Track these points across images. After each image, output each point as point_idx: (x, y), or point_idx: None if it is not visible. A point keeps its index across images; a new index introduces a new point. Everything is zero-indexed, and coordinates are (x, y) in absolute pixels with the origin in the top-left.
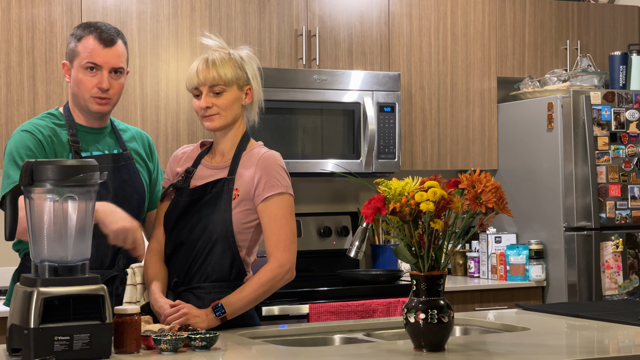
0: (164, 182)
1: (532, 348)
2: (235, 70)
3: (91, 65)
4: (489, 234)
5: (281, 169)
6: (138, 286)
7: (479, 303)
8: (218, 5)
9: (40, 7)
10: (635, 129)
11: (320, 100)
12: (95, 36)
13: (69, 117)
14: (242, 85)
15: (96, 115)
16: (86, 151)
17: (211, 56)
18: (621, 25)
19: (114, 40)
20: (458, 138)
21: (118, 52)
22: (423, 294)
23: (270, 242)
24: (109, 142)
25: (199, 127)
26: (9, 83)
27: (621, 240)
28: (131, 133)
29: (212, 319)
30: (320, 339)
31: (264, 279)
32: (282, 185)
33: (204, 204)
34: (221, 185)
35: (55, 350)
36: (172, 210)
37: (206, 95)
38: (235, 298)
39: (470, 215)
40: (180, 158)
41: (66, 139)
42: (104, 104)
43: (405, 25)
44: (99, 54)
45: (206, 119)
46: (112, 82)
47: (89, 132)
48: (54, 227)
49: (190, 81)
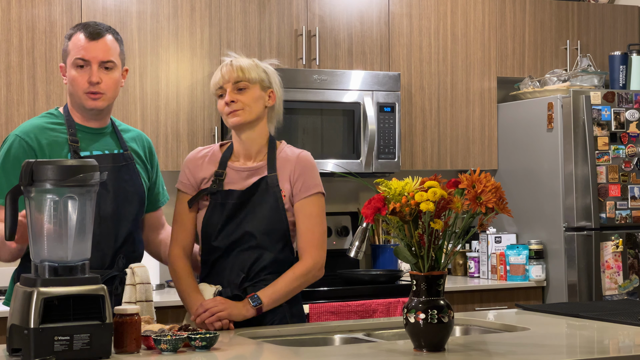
0: (182, 185)
1: (532, 348)
2: (258, 71)
3: (81, 63)
4: (489, 234)
5: (317, 169)
6: (137, 286)
7: (479, 303)
8: (218, 5)
9: (40, 7)
10: (635, 129)
11: (320, 100)
12: (82, 32)
13: (69, 117)
14: (265, 86)
15: (92, 113)
16: (86, 151)
17: (235, 60)
18: (621, 25)
19: (100, 34)
20: (458, 138)
21: (106, 46)
22: (423, 294)
23: (304, 239)
24: (109, 142)
25: (199, 127)
26: (9, 83)
27: (621, 240)
28: (132, 134)
29: (250, 309)
30: (320, 339)
31: (298, 274)
32: (318, 185)
33: (254, 204)
34: (265, 184)
35: (55, 350)
36: (212, 214)
37: (230, 92)
38: (270, 290)
39: (470, 215)
40: (200, 163)
41: (65, 138)
42: (96, 99)
43: (405, 25)
44: (86, 48)
45: (231, 114)
46: (102, 77)
47: (89, 132)
48: (54, 227)
49: (214, 82)
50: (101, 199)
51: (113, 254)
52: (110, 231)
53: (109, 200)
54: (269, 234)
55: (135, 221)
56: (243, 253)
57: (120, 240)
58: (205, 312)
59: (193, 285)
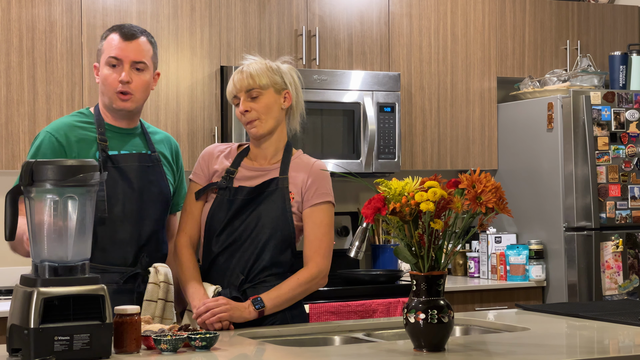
0: (195, 176)
1: (532, 348)
2: (270, 75)
3: (113, 62)
4: (489, 234)
5: (329, 179)
6: (161, 284)
7: (479, 303)
8: (218, 5)
9: (40, 7)
10: (635, 129)
11: (320, 100)
12: (117, 32)
13: (99, 117)
14: (279, 89)
15: (121, 114)
16: (114, 150)
17: (246, 66)
18: (621, 25)
19: (135, 35)
20: (458, 138)
21: (140, 47)
22: (423, 294)
23: (311, 246)
24: (138, 143)
25: (199, 127)
26: (9, 83)
27: (621, 240)
28: (160, 136)
29: (252, 312)
30: (320, 339)
31: (303, 280)
32: (330, 194)
33: (261, 202)
34: (275, 185)
35: (55, 350)
36: (219, 209)
37: (244, 101)
38: (274, 294)
39: (470, 215)
40: (216, 156)
41: (94, 137)
42: (126, 100)
43: (405, 25)
44: (120, 47)
45: (249, 125)
46: (133, 77)
47: (118, 132)
48: (54, 227)
49: (229, 91)
50: (126, 198)
51: (136, 252)
52: (134, 229)
53: (134, 199)
54: (272, 233)
55: (160, 221)
56: (244, 252)
57: (143, 239)
58: (207, 312)
59: (196, 276)
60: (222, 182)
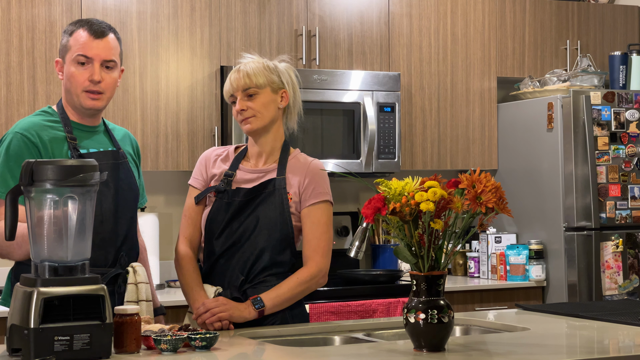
0: (194, 181)
1: (532, 348)
2: (267, 74)
3: (82, 60)
4: (489, 234)
5: (327, 178)
6: (139, 285)
7: (479, 303)
8: (218, 5)
9: (40, 7)
10: (635, 129)
11: (320, 100)
12: (86, 29)
13: (64, 115)
14: (276, 88)
15: (89, 112)
16: (83, 148)
17: (243, 65)
18: (621, 25)
19: (104, 33)
20: (458, 138)
21: (109, 45)
22: (423, 294)
23: (310, 245)
24: (104, 140)
25: (199, 127)
26: (9, 83)
27: (621, 240)
28: (121, 133)
29: (252, 311)
30: (320, 339)
31: (302, 279)
32: (328, 193)
33: (259, 203)
34: (273, 186)
35: (55, 350)
36: (218, 212)
37: (240, 99)
38: (274, 294)
39: (470, 215)
40: (214, 159)
41: (63, 135)
42: (96, 99)
43: (405, 25)
44: (90, 46)
45: (244, 122)
46: (103, 76)
47: (84, 130)
48: (54, 227)
49: (226, 90)
50: (103, 197)
51: (116, 252)
52: (112, 229)
53: (111, 198)
54: (271, 234)
55: (133, 219)
56: (244, 253)
57: (121, 238)
58: (207, 312)
59: (197, 281)
60: (221, 186)
